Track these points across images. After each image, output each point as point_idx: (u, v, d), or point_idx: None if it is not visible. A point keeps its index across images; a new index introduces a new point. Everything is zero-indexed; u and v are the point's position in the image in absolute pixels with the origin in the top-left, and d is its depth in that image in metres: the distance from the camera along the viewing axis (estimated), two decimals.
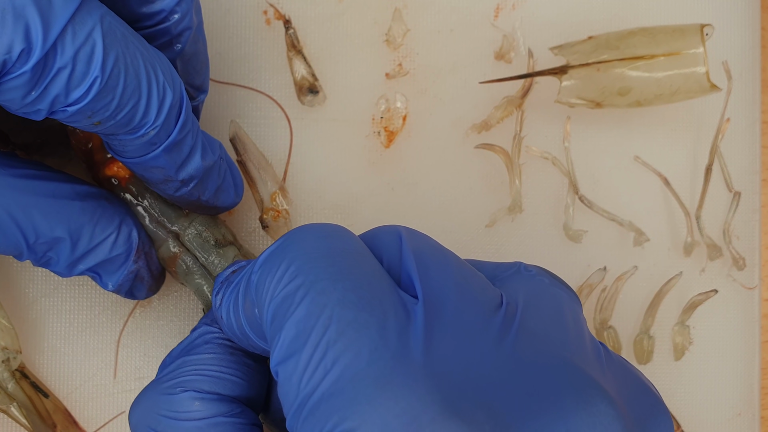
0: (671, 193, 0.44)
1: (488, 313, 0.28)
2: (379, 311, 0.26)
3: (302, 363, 0.26)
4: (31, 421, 0.39)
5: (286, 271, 0.28)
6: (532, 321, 0.28)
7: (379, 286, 0.27)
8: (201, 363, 0.32)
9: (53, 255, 0.34)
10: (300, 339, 0.26)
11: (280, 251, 0.29)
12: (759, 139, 0.46)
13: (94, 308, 0.41)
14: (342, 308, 0.26)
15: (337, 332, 0.26)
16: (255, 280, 0.29)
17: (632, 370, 0.30)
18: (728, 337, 0.46)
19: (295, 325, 0.26)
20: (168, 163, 0.33)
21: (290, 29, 0.42)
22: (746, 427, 0.46)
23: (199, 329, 0.34)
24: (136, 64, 0.30)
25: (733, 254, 0.45)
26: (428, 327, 0.26)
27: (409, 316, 0.27)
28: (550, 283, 0.31)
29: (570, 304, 0.30)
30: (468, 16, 0.44)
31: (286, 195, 0.42)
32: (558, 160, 0.43)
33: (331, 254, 0.28)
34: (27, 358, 0.41)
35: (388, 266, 0.29)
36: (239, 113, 0.42)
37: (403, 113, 0.43)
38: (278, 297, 0.27)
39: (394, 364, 0.25)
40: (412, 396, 0.24)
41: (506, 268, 0.32)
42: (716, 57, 0.44)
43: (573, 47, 0.42)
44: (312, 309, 0.26)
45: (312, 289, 0.27)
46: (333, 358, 0.25)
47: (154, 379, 0.33)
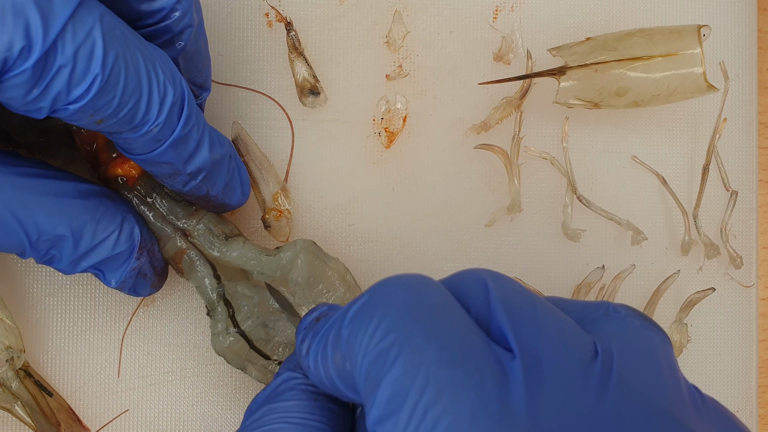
0: (669, 192, 0.44)
1: (585, 366, 0.27)
2: (475, 370, 0.26)
3: (401, 424, 0.25)
4: (36, 419, 0.39)
5: (378, 327, 0.27)
6: (628, 370, 0.28)
7: (471, 341, 0.27)
8: (287, 410, 0.32)
9: (56, 253, 0.34)
10: (397, 399, 0.26)
11: (370, 305, 0.28)
12: (755, 138, 0.46)
13: (98, 307, 0.41)
14: (438, 367, 0.26)
15: (435, 393, 0.25)
16: (346, 335, 0.28)
17: (726, 414, 0.30)
18: (725, 334, 0.46)
19: (391, 384, 0.26)
20: (175, 158, 0.33)
21: (292, 31, 0.42)
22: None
23: (283, 375, 0.33)
24: (136, 62, 0.30)
25: (731, 253, 0.45)
26: (527, 385, 0.26)
27: (506, 374, 0.26)
28: (641, 325, 0.30)
29: (663, 348, 0.29)
30: (467, 17, 0.44)
31: (287, 195, 0.42)
32: (556, 160, 0.44)
33: (421, 308, 0.27)
34: (31, 357, 0.41)
35: (476, 316, 0.28)
36: (241, 114, 0.42)
37: (403, 114, 0.43)
38: (371, 354, 0.27)
39: (495, 426, 0.25)
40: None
41: (594, 309, 0.30)
42: (713, 58, 0.44)
43: (571, 48, 0.42)
44: (407, 368, 0.26)
45: (406, 346, 0.26)
46: (433, 420, 0.25)
47: (240, 427, 0.33)
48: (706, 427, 0.28)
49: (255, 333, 0.38)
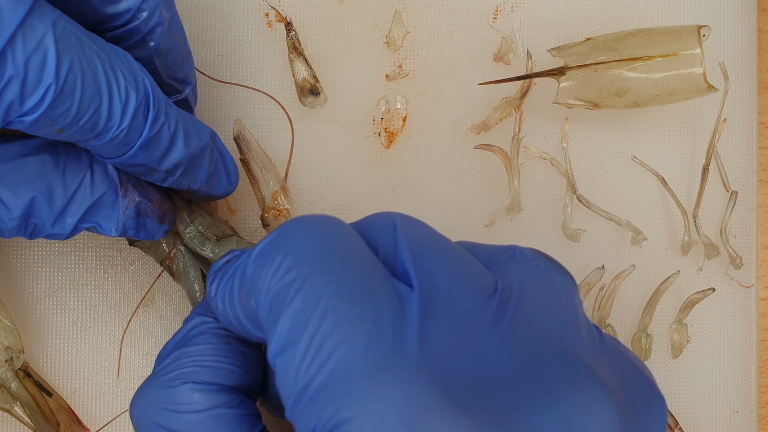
0: (669, 192, 0.44)
1: (483, 301, 0.28)
2: (374, 303, 0.26)
3: (299, 355, 0.26)
4: (35, 420, 0.39)
5: (281, 263, 0.28)
6: (527, 307, 0.28)
7: (373, 277, 0.27)
8: (198, 354, 0.32)
9: (37, 221, 0.33)
10: (296, 331, 0.26)
11: (275, 243, 0.28)
12: (755, 139, 0.46)
13: (98, 307, 0.41)
14: (337, 300, 0.26)
15: (332, 324, 0.26)
16: (250, 272, 0.29)
17: (625, 353, 0.30)
18: (725, 335, 0.46)
19: (291, 317, 0.26)
20: (148, 159, 0.32)
21: (291, 31, 0.42)
22: (744, 425, 0.46)
23: (194, 320, 0.34)
24: (93, 69, 0.29)
25: (730, 253, 0.45)
26: (423, 317, 0.26)
27: (404, 307, 0.27)
28: (546, 267, 0.31)
29: (566, 288, 0.30)
30: (467, 18, 0.44)
31: (287, 194, 0.42)
32: (556, 161, 0.44)
33: (326, 246, 0.28)
34: (31, 357, 0.41)
35: (383, 255, 0.29)
36: (242, 114, 0.42)
37: (403, 114, 0.43)
38: (274, 289, 0.27)
39: (389, 355, 0.25)
40: (407, 386, 0.25)
41: (502, 252, 0.31)
42: (713, 58, 0.44)
43: (571, 49, 0.42)
44: (307, 301, 0.26)
45: (307, 281, 0.27)
46: (329, 350, 0.25)
47: (152, 373, 0.33)
48: (601, 362, 0.28)
49: None
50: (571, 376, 0.26)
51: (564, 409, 0.26)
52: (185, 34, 0.36)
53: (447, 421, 0.24)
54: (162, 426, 0.31)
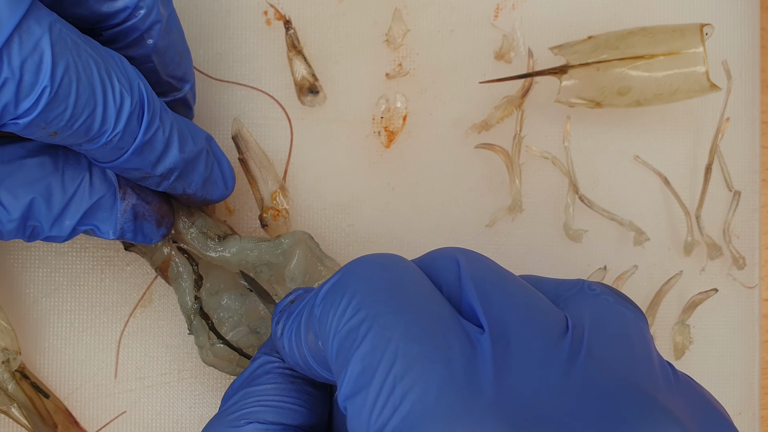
0: (671, 192, 0.44)
1: (555, 340, 0.27)
2: (444, 344, 0.26)
3: (371, 399, 0.25)
4: (32, 421, 0.39)
5: (349, 305, 0.27)
6: (599, 345, 0.28)
7: (441, 317, 0.27)
8: (263, 394, 0.32)
9: (36, 223, 0.33)
10: (367, 374, 0.26)
11: (342, 284, 0.28)
12: (758, 138, 0.46)
13: (95, 308, 0.41)
14: (407, 342, 0.26)
15: (403, 367, 0.25)
16: (318, 313, 0.29)
17: (700, 391, 0.30)
18: (728, 336, 0.46)
19: (360, 360, 0.26)
20: (142, 163, 0.32)
21: (290, 30, 0.42)
22: (746, 426, 0.46)
23: (259, 359, 0.34)
24: (89, 73, 0.29)
25: (733, 253, 0.45)
26: (495, 358, 0.26)
27: (475, 348, 0.26)
28: (615, 301, 0.30)
29: (636, 323, 0.30)
30: (468, 16, 0.44)
31: (286, 194, 0.42)
32: (558, 160, 0.43)
33: (392, 286, 0.28)
34: (28, 358, 0.41)
35: (448, 294, 0.28)
36: (240, 113, 0.42)
37: (403, 113, 0.43)
38: (342, 331, 0.27)
39: (463, 399, 0.25)
40: (483, 429, 0.24)
41: (569, 287, 0.31)
42: (716, 56, 0.44)
43: (573, 47, 0.42)
44: (377, 343, 0.26)
45: (375, 323, 0.26)
46: (401, 394, 0.25)
47: (218, 412, 0.33)
48: (677, 401, 0.28)
49: (244, 341, 0.38)
50: (647, 417, 0.26)
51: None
52: (183, 32, 0.36)
53: None
54: None
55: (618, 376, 0.27)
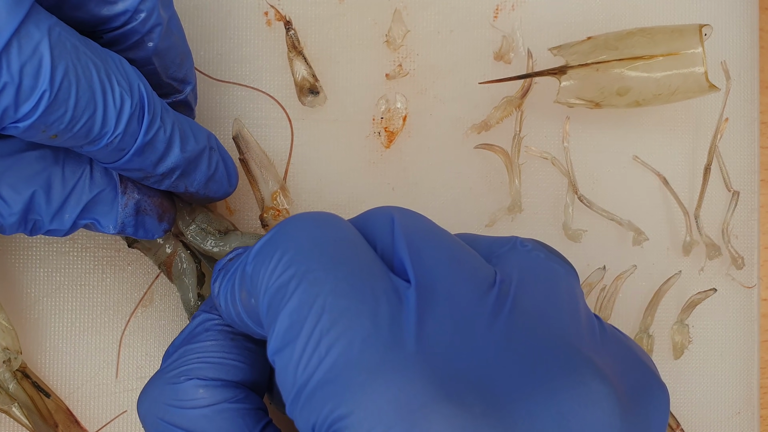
0: (670, 192, 0.44)
1: (481, 293, 0.28)
2: (371, 299, 0.26)
3: (297, 352, 0.26)
4: (33, 421, 0.39)
5: (279, 261, 0.28)
6: (526, 299, 0.28)
7: (370, 273, 0.27)
8: (203, 350, 0.32)
9: (36, 217, 0.33)
10: (294, 329, 0.26)
11: (273, 242, 0.29)
12: (757, 138, 0.46)
13: (96, 308, 0.41)
14: (334, 297, 0.26)
15: (329, 321, 0.26)
16: (250, 270, 0.29)
17: (626, 343, 0.30)
18: (727, 335, 0.46)
19: (288, 315, 0.27)
20: (143, 164, 0.32)
21: (291, 30, 0.42)
22: (745, 426, 0.46)
23: (199, 317, 0.34)
24: (88, 75, 0.29)
25: (732, 253, 0.45)
26: (420, 312, 0.27)
27: (402, 302, 0.27)
28: (546, 257, 0.31)
29: (566, 279, 0.30)
30: (467, 16, 0.44)
31: (287, 194, 0.42)
32: (557, 160, 0.43)
33: (323, 243, 0.28)
34: (29, 358, 0.41)
35: (382, 251, 0.29)
36: (241, 113, 0.42)
37: (403, 113, 0.43)
38: (272, 288, 0.28)
39: (385, 351, 0.25)
40: (403, 381, 0.25)
41: (502, 244, 0.31)
42: (715, 57, 0.44)
43: (572, 48, 0.42)
44: (305, 299, 0.27)
45: (304, 279, 0.27)
46: (326, 346, 0.26)
47: (158, 370, 0.33)
48: (601, 353, 0.28)
49: None
50: (569, 368, 0.27)
51: (563, 402, 0.26)
52: (184, 34, 0.36)
53: (443, 415, 0.24)
54: (168, 422, 0.32)
55: (542, 328, 0.28)
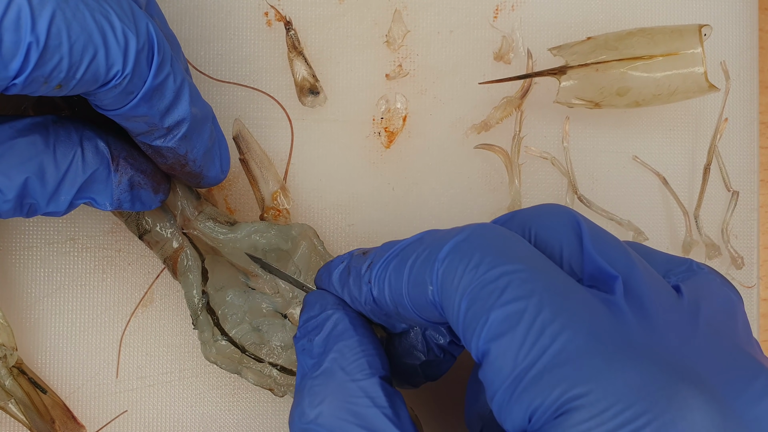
0: (670, 192, 0.44)
1: (675, 304, 0.29)
2: (582, 299, 0.28)
3: (518, 339, 0.27)
4: (29, 417, 0.39)
5: (481, 261, 0.29)
6: (712, 313, 0.30)
7: (570, 280, 0.29)
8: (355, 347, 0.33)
9: (32, 200, 0.33)
10: (512, 319, 0.27)
11: (469, 243, 0.30)
12: (757, 138, 0.46)
13: (97, 308, 0.41)
14: (551, 294, 0.28)
15: (552, 313, 0.27)
16: (440, 268, 0.30)
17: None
18: None
19: (503, 307, 0.28)
20: (150, 111, 0.32)
21: (291, 30, 0.42)
22: None
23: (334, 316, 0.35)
24: (81, 17, 0.28)
25: (732, 253, 0.45)
26: (633, 313, 0.28)
27: (611, 301, 0.28)
28: (722, 283, 0.32)
29: (739, 306, 0.32)
30: (467, 17, 0.44)
31: (287, 194, 0.42)
32: (557, 160, 0.43)
33: (518, 252, 0.29)
34: (30, 357, 0.41)
35: (569, 257, 0.31)
36: (241, 113, 0.42)
37: (403, 114, 0.43)
38: (477, 283, 0.29)
39: (615, 341, 0.27)
40: (638, 367, 0.26)
41: (679, 263, 0.33)
42: (714, 57, 0.44)
43: (572, 48, 0.42)
44: (520, 294, 0.28)
45: (515, 277, 0.28)
46: (551, 335, 0.27)
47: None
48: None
49: (246, 338, 0.38)
50: (761, 379, 0.28)
51: (762, 406, 0.27)
52: (164, 19, 0.36)
53: (683, 395, 0.26)
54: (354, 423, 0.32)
55: (732, 342, 0.29)
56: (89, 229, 0.41)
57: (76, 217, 0.41)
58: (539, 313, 0.27)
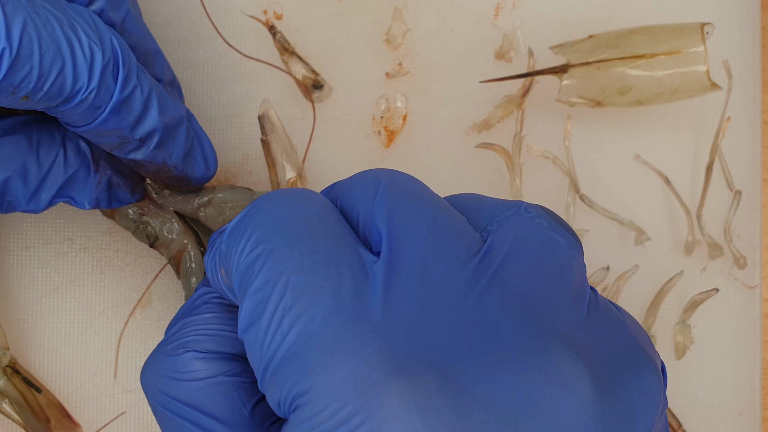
0: (672, 192, 0.44)
1: (459, 264, 0.27)
2: (335, 275, 0.26)
3: (262, 330, 0.26)
4: (24, 416, 0.39)
5: (248, 240, 0.28)
6: (511, 270, 0.27)
7: (337, 249, 0.27)
8: (201, 323, 0.32)
9: (12, 198, 0.33)
10: (259, 307, 0.26)
11: (245, 221, 0.29)
12: (759, 138, 0.46)
13: (94, 309, 0.41)
14: (297, 274, 0.26)
15: (292, 298, 0.26)
16: (224, 249, 0.29)
17: (622, 321, 0.29)
18: (729, 336, 0.45)
19: (254, 293, 0.27)
20: (120, 124, 0.32)
21: (277, 34, 0.42)
22: (747, 427, 0.46)
23: (199, 290, 0.34)
24: (50, 29, 0.28)
25: (734, 253, 0.45)
26: (387, 286, 0.26)
27: (368, 276, 0.26)
28: (549, 226, 0.29)
29: (565, 250, 0.29)
30: (468, 15, 0.44)
31: (304, 183, 0.41)
32: (558, 159, 0.43)
33: (292, 220, 0.28)
34: (27, 359, 0.40)
35: (364, 219, 0.29)
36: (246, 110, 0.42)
37: (403, 113, 0.43)
38: (242, 266, 0.28)
39: (345, 326, 0.25)
40: (359, 357, 0.24)
41: (507, 208, 0.30)
42: (716, 56, 0.44)
43: (573, 46, 0.42)
44: (269, 277, 0.26)
45: (270, 257, 0.27)
46: (289, 323, 0.25)
47: (159, 342, 0.33)
48: (583, 331, 0.27)
49: None
50: (540, 346, 0.25)
51: (530, 381, 0.25)
52: (149, 33, 0.36)
53: (396, 390, 0.24)
54: (166, 394, 0.31)
55: (520, 302, 0.26)
56: (87, 229, 0.41)
57: (74, 217, 0.41)
58: (282, 299, 0.26)
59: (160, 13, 0.42)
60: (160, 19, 0.42)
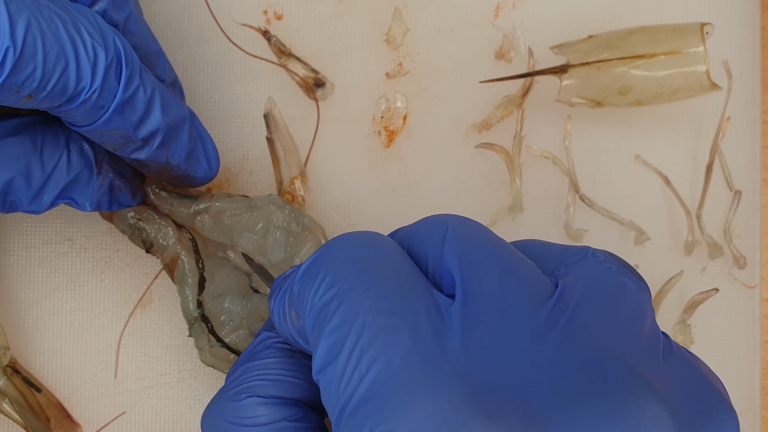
0: (672, 192, 0.44)
1: (535, 307, 0.27)
2: (411, 315, 0.26)
3: (338, 371, 0.26)
4: (24, 416, 0.39)
5: (322, 282, 0.28)
6: (586, 313, 0.27)
7: (411, 290, 0.27)
8: (263, 368, 0.32)
9: (14, 198, 0.33)
10: (336, 347, 0.26)
11: (317, 263, 0.29)
12: (759, 138, 0.46)
13: (95, 309, 0.41)
14: (374, 315, 0.26)
15: (369, 339, 0.26)
16: (296, 291, 0.29)
17: (695, 365, 0.29)
18: (729, 336, 0.45)
19: (330, 333, 0.26)
20: (123, 124, 0.32)
21: (272, 38, 0.42)
22: (747, 427, 0.46)
23: (261, 335, 0.34)
24: (54, 28, 0.29)
25: (734, 253, 0.45)
26: (464, 327, 0.26)
27: (444, 317, 0.26)
28: (618, 271, 0.29)
29: (635, 294, 0.29)
30: (468, 15, 0.44)
31: (305, 182, 0.41)
32: (558, 159, 0.43)
33: (365, 262, 0.28)
34: (28, 359, 0.40)
35: (433, 262, 0.29)
36: (250, 110, 0.42)
37: (403, 113, 0.43)
38: (316, 308, 0.27)
39: (426, 367, 0.25)
40: (442, 399, 0.24)
41: (573, 253, 0.30)
42: (716, 56, 0.44)
43: (573, 46, 0.42)
44: (345, 317, 0.26)
45: (345, 298, 0.27)
46: (367, 364, 0.25)
47: (221, 388, 0.33)
48: (661, 374, 0.27)
49: (244, 343, 0.38)
50: (622, 389, 0.25)
51: (612, 424, 0.25)
52: (150, 33, 0.36)
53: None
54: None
55: (598, 345, 0.26)
56: (87, 229, 0.41)
57: (74, 217, 0.41)
58: (359, 340, 0.26)
59: (161, 13, 0.42)
60: (161, 19, 0.42)
